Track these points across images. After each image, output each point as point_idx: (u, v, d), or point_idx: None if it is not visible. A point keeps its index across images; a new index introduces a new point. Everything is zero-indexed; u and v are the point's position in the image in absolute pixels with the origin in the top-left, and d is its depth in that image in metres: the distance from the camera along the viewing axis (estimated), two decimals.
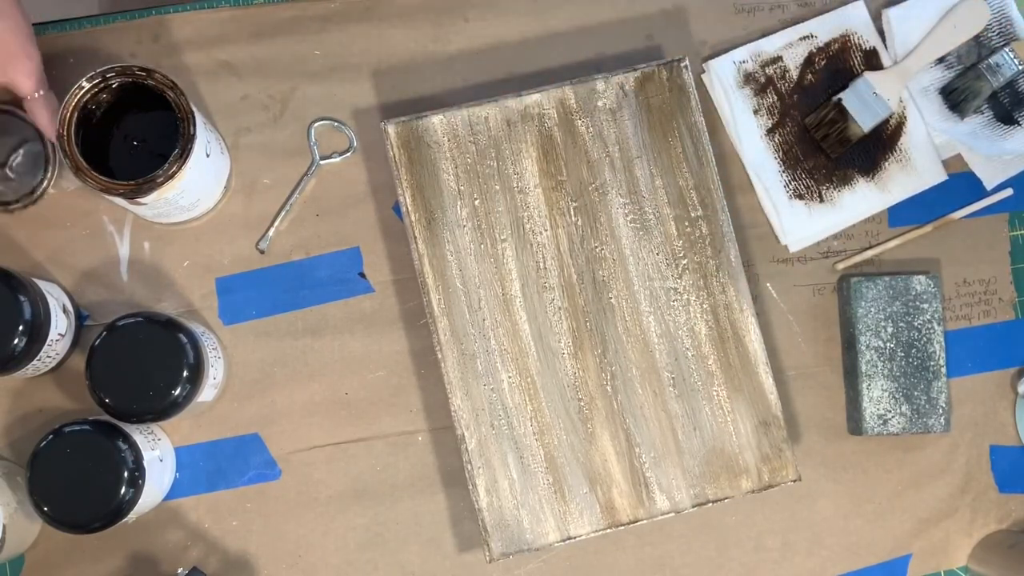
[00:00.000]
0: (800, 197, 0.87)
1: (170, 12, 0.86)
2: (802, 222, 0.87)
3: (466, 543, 0.83)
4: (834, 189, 0.87)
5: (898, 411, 0.83)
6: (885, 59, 0.88)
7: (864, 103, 0.85)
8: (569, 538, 0.79)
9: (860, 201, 0.87)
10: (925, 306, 0.84)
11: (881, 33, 0.89)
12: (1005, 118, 0.89)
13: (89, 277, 0.83)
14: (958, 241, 0.88)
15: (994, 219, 0.89)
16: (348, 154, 0.85)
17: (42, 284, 0.78)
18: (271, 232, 0.84)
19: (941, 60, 0.89)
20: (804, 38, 0.88)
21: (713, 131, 0.85)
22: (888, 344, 0.84)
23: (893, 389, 0.83)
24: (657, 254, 0.81)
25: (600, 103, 0.81)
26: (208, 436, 0.83)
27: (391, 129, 0.80)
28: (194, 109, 0.74)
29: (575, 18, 0.88)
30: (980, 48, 0.89)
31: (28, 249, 0.83)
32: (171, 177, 0.73)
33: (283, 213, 0.84)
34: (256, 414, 0.83)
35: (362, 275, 0.85)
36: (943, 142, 0.88)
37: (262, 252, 0.84)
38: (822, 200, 0.87)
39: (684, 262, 0.81)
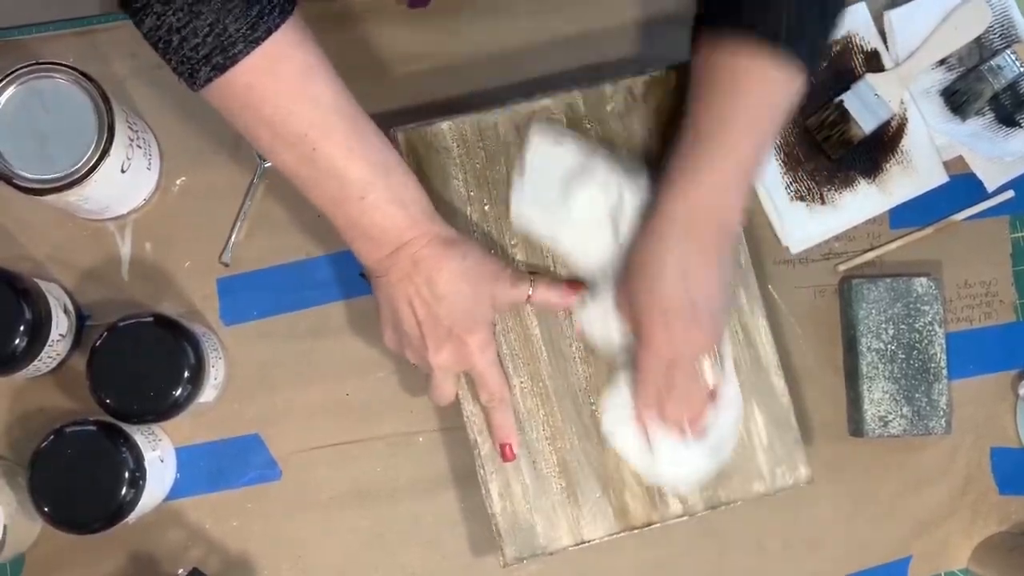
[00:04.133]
0: (801, 199, 0.87)
1: None
2: (803, 224, 0.87)
3: (466, 544, 0.83)
4: (835, 191, 0.87)
5: (899, 413, 0.83)
6: (886, 61, 0.88)
7: (865, 105, 0.85)
8: (583, 542, 0.78)
9: (861, 203, 0.87)
10: (926, 308, 0.84)
11: (882, 35, 0.89)
12: (1006, 120, 0.89)
13: (90, 277, 0.83)
14: (959, 243, 0.88)
15: (995, 221, 0.89)
16: None
17: (43, 284, 0.77)
18: (231, 242, 0.84)
19: (942, 62, 0.89)
20: None
21: None
22: (889, 346, 0.84)
23: (894, 391, 0.83)
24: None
25: (609, 107, 0.80)
26: (209, 436, 0.83)
27: (400, 136, 0.79)
28: (116, 129, 0.74)
29: (579, 21, 0.87)
30: (981, 50, 0.89)
31: (29, 249, 0.83)
32: (72, 185, 0.73)
33: (240, 222, 0.84)
34: (257, 414, 0.83)
35: (363, 276, 0.84)
36: (944, 144, 0.88)
37: (226, 265, 0.84)
38: (823, 202, 0.87)
39: None
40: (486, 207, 0.79)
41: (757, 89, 0.69)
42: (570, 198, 0.77)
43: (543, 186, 0.78)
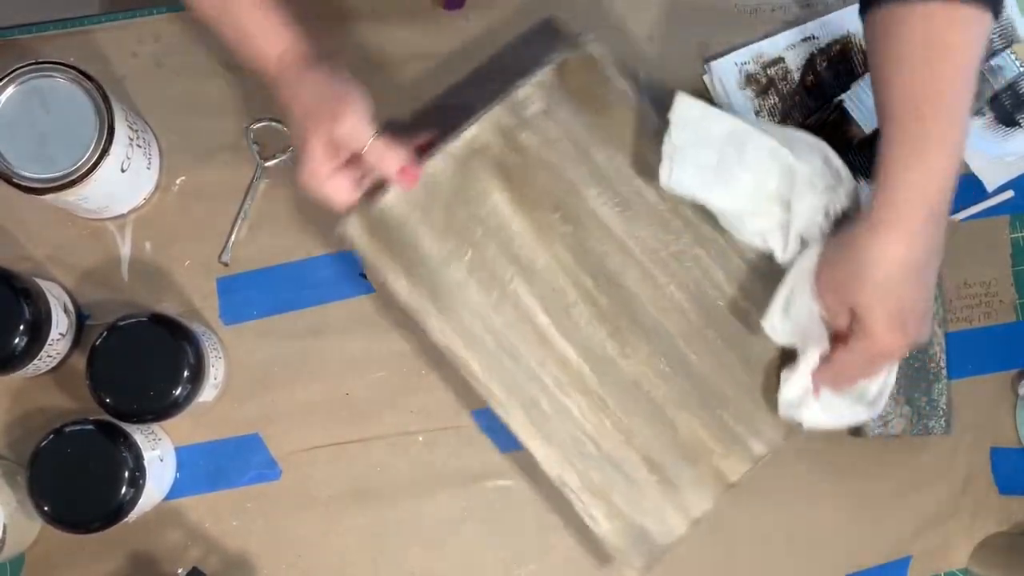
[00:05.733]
0: None
1: (171, 12, 0.86)
2: None
3: (466, 544, 0.84)
4: None
5: (899, 413, 0.83)
6: None
7: (865, 105, 0.85)
8: (696, 520, 0.78)
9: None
10: None
11: None
12: (1006, 120, 0.89)
13: (90, 277, 0.83)
14: (959, 243, 0.88)
15: (995, 221, 0.89)
16: (289, 152, 0.84)
17: (43, 284, 0.78)
18: (231, 241, 0.84)
19: None
20: (806, 39, 0.88)
21: None
22: None
23: (894, 391, 0.83)
24: (649, 225, 0.79)
25: (531, 110, 0.79)
26: (208, 436, 0.83)
27: (353, 226, 0.76)
28: (116, 129, 0.74)
29: (576, 18, 0.87)
30: None
31: (29, 249, 0.83)
32: (72, 184, 0.73)
33: (240, 221, 0.84)
34: (256, 414, 0.83)
35: (363, 276, 0.84)
36: None
37: (225, 264, 0.84)
38: None
39: (677, 222, 0.80)
40: (467, 256, 0.77)
41: (959, 52, 0.66)
42: (731, 167, 0.75)
43: (698, 155, 0.76)
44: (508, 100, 0.79)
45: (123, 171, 0.77)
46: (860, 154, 0.87)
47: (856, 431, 0.85)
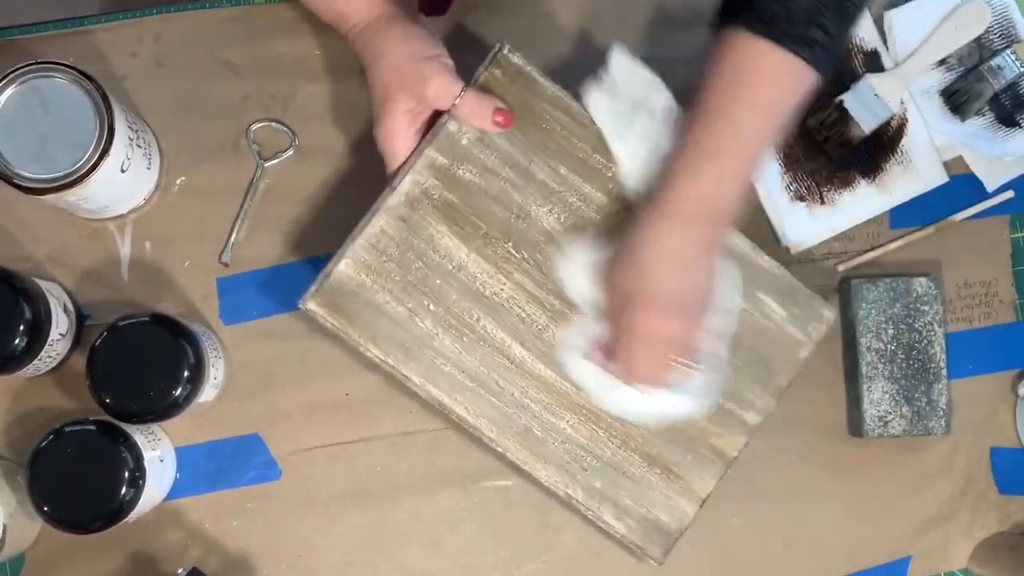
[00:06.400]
0: (801, 199, 0.87)
1: (171, 12, 0.86)
2: (803, 224, 0.87)
3: (466, 544, 0.84)
4: (835, 191, 0.87)
5: (899, 413, 0.83)
6: (886, 61, 0.88)
7: (865, 105, 0.85)
8: (703, 501, 0.79)
9: (861, 203, 0.87)
10: (926, 308, 0.84)
11: (883, 35, 0.89)
12: (1006, 120, 0.89)
13: (90, 277, 0.83)
14: (959, 243, 0.88)
15: (995, 221, 0.89)
16: (289, 152, 0.85)
17: (43, 284, 0.78)
18: (231, 241, 0.84)
19: (942, 62, 0.89)
20: None
21: None
22: (889, 346, 0.84)
23: (894, 391, 0.83)
24: (605, 230, 0.78)
25: (464, 142, 0.77)
26: (208, 436, 0.83)
27: (313, 305, 0.75)
28: (116, 129, 0.74)
29: (575, 19, 0.87)
30: (981, 50, 0.89)
31: (29, 249, 0.83)
32: (72, 185, 0.73)
33: (240, 222, 0.84)
34: (256, 414, 0.83)
35: None
36: (944, 144, 0.88)
37: (225, 264, 0.84)
38: (823, 202, 0.87)
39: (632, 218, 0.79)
40: (430, 307, 0.76)
41: (764, 88, 0.69)
42: (635, 114, 0.76)
43: (615, 102, 0.77)
44: (439, 137, 0.76)
45: (123, 171, 0.77)
46: (860, 154, 0.87)
47: (856, 431, 0.85)
